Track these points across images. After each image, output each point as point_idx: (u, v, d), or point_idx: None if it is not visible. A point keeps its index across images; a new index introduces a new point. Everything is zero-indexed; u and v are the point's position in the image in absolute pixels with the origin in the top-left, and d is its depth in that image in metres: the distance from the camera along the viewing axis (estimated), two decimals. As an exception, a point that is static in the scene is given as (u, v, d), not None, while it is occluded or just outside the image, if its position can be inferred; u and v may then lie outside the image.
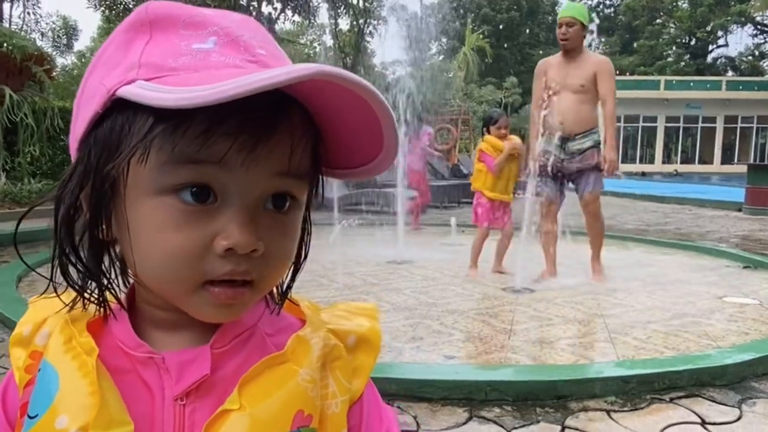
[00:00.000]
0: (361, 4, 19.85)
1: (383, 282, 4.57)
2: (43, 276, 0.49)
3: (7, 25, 11.59)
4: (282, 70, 0.39)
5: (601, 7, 55.55)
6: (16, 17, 14.33)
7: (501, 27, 47.15)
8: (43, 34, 22.59)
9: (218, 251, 0.45)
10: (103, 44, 0.49)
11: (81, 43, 27.52)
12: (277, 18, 17.23)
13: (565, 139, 4.54)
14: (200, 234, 0.45)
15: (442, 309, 3.77)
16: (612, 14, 53.66)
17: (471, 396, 2.43)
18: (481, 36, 39.46)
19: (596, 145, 4.52)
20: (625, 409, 2.39)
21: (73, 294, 0.50)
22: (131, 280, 0.52)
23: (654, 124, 34.72)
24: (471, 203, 5.93)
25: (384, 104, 0.45)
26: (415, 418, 2.30)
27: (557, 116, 4.49)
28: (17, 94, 8.65)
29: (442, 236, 7.19)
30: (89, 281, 0.49)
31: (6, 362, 2.73)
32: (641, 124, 34.71)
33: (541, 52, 48.52)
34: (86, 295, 0.50)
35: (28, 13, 16.66)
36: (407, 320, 3.51)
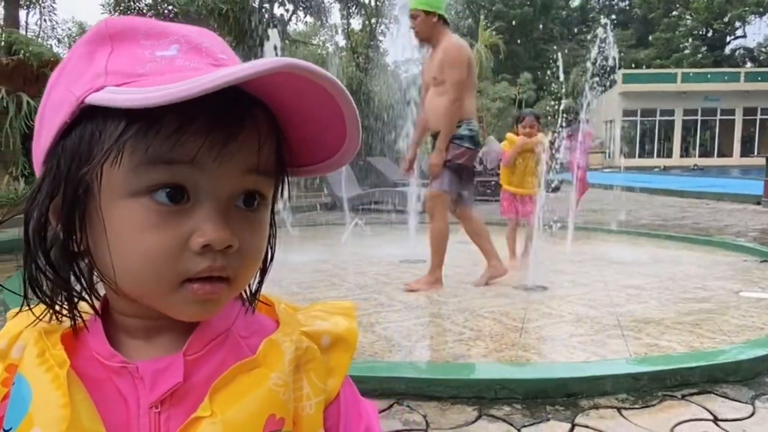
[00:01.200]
0: (373, 3, 19.85)
1: (395, 281, 4.58)
2: (12, 291, 0.50)
3: (24, 32, 11.75)
4: (255, 63, 0.40)
5: (616, 0, 55.02)
6: (33, 24, 14.51)
7: (514, 23, 46.81)
8: (59, 41, 22.90)
9: (195, 249, 0.46)
10: (64, 59, 0.50)
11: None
12: (289, 19, 17.28)
13: (433, 137, 4.32)
14: (176, 233, 0.45)
15: (454, 307, 3.77)
16: (627, 7, 53.13)
17: (481, 394, 2.43)
18: (494, 32, 39.24)
19: (453, 140, 4.15)
20: (637, 406, 2.37)
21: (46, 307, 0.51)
22: (102, 291, 0.53)
23: (671, 118, 34.31)
24: (486, 200, 5.93)
25: (345, 94, 0.46)
26: (424, 417, 2.30)
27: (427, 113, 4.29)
28: (34, 100, 8.78)
29: (455, 234, 7.15)
30: (59, 293, 0.50)
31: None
32: (658, 117, 34.31)
33: (555, 47, 48.21)
34: (57, 307, 0.50)
35: (45, 20, 16.89)
36: (418, 319, 3.51)
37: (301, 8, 17.51)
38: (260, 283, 0.57)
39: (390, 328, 3.31)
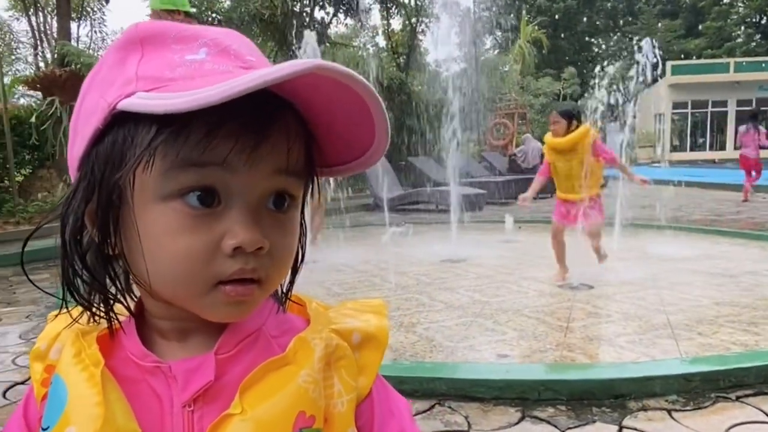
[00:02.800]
0: (413, 2, 19.81)
1: (437, 281, 4.55)
2: (52, 296, 0.51)
3: (76, 44, 12.20)
4: (282, 66, 0.40)
5: (663, -11, 53.39)
6: (84, 36, 15.04)
7: (557, 17, 46.05)
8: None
9: (227, 251, 0.46)
10: (95, 66, 0.50)
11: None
12: (330, 22, 17.40)
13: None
14: (208, 236, 0.46)
15: (496, 307, 3.72)
16: (675, -4, 51.46)
17: (524, 395, 2.38)
18: (536, 27, 38.65)
19: None
20: (688, 408, 2.28)
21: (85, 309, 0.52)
22: (137, 294, 0.53)
23: (724, 109, 33.08)
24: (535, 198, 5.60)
25: (375, 95, 0.46)
26: (466, 418, 2.27)
27: None
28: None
29: (498, 233, 7.08)
30: (95, 295, 0.51)
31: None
32: (710, 109, 33.12)
33: (600, 40, 47.17)
34: (94, 309, 0.51)
35: (95, 32, 17.48)
36: (460, 319, 3.48)
37: (341, 11, 17.59)
38: (291, 282, 0.57)
39: (431, 329, 3.29)
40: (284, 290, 0.57)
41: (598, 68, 5.83)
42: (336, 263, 5.38)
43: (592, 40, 47.87)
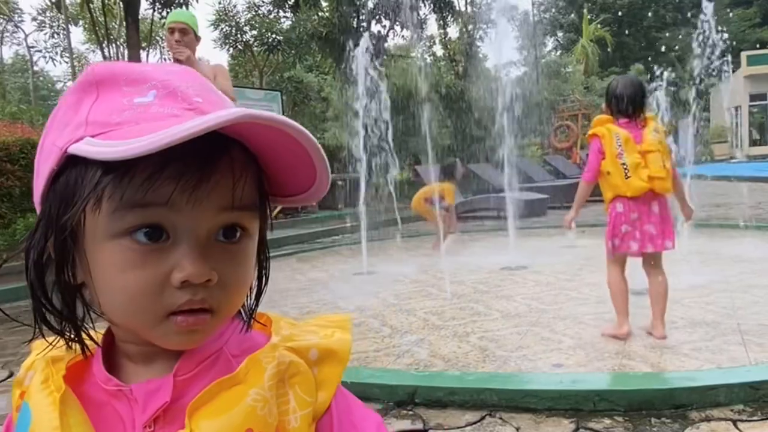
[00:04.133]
0: (468, 9, 19.74)
1: (494, 289, 4.48)
2: (28, 325, 0.55)
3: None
4: (209, 117, 0.42)
5: (735, -23, 50.84)
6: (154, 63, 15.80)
7: (621, 13, 44.61)
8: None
9: (175, 284, 0.48)
10: (57, 106, 0.54)
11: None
12: (386, 35, 17.56)
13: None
14: (157, 270, 0.48)
15: (554, 315, 3.62)
16: (748, -17, 48.89)
17: (578, 406, 2.31)
18: (599, 25, 37.65)
19: None
20: (755, 418, 2.15)
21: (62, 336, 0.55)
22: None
23: (808, 99, 31.07)
24: (595, 201, 5.16)
25: (311, 140, 0.48)
26: (517, 429, 2.22)
27: None
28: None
29: (561, 238, 6.91)
30: (65, 324, 0.54)
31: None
32: (792, 100, 31.15)
33: (668, 34, 45.34)
34: (66, 336, 0.54)
35: (164, 59, 18.35)
36: (515, 328, 3.41)
37: (397, 23, 17.73)
38: (257, 303, 0.59)
39: (485, 338, 3.24)
40: (249, 311, 0.58)
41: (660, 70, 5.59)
42: (394, 273, 5.40)
43: (660, 34, 46.02)
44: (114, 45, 12.80)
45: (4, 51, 23.39)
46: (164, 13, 11.95)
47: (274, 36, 15.31)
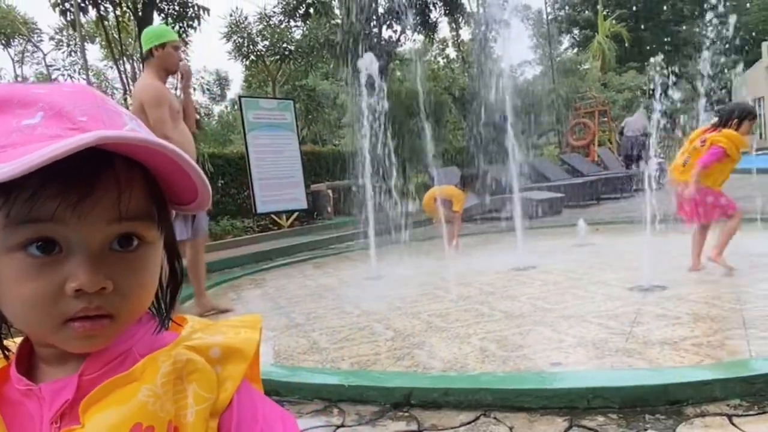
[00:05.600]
0: (481, 11, 19.69)
1: (500, 290, 4.48)
2: None
3: (162, 86, 13.10)
4: (67, 141, 0.46)
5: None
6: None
7: (636, 8, 44.13)
8: (194, 89, 25.06)
9: (69, 293, 0.52)
10: None
11: (232, 91, 30.08)
12: (398, 40, 17.60)
13: None
14: (51, 281, 0.52)
15: (558, 314, 3.61)
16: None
17: (572, 404, 2.31)
18: (614, 21, 37.25)
19: None
20: (751, 413, 2.13)
21: None
22: None
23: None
24: (613, 198, 5.01)
25: (181, 156, 0.52)
26: (510, 429, 2.23)
27: None
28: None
29: (573, 237, 6.86)
30: None
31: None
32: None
33: (685, 27, 44.65)
34: None
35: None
36: (518, 328, 3.41)
37: (408, 28, 17.77)
38: (172, 305, 0.63)
39: (487, 339, 3.25)
40: (164, 312, 0.62)
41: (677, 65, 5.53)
42: (403, 277, 5.42)
43: (678, 28, 45.37)
44: (130, 60, 13.03)
45: (25, 70, 23.86)
46: (176, 27, 12.13)
47: (285, 45, 15.44)
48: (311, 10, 16.13)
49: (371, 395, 2.52)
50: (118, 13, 12.05)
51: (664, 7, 45.06)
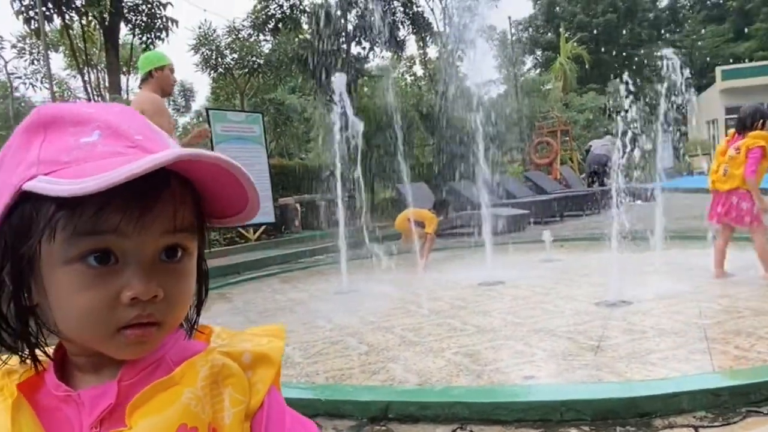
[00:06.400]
0: (447, 30, 20.02)
1: (471, 305, 4.54)
2: None
3: (126, 96, 12.89)
4: (147, 159, 0.49)
5: (707, -6, 52.16)
6: (135, 87, 15.79)
7: (597, 32, 45.55)
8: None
9: (125, 301, 0.55)
10: (4, 146, 0.59)
11: (198, 103, 29.80)
12: (366, 57, 17.76)
13: None
14: (108, 290, 0.54)
15: (528, 329, 3.69)
16: (720, 1, 50.18)
17: (546, 417, 2.36)
18: (576, 44, 38.32)
19: None
20: (716, 424, 2.22)
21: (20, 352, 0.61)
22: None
23: (782, 111, 31.70)
24: (576, 215, 5.15)
25: (240, 169, 0.55)
26: (486, 441, 2.27)
27: None
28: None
29: (539, 253, 7.00)
30: (21, 342, 0.60)
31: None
32: (766, 112, 31.76)
33: (643, 51, 46.23)
34: (22, 352, 0.60)
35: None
36: (490, 342, 3.46)
37: (377, 44, 17.95)
38: (198, 314, 0.66)
39: (460, 353, 3.29)
40: (192, 321, 0.65)
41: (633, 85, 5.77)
42: (374, 292, 5.45)
43: (636, 51, 46.97)
44: (95, 70, 12.82)
45: (-17, 78, 23.24)
46: (144, 38, 12.00)
47: (254, 59, 15.42)
48: (280, 25, 16.17)
49: (347, 409, 2.53)
50: (84, 22, 11.85)
51: (623, 32, 46.64)
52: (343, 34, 16.31)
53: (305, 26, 17.32)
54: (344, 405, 2.53)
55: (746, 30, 43.97)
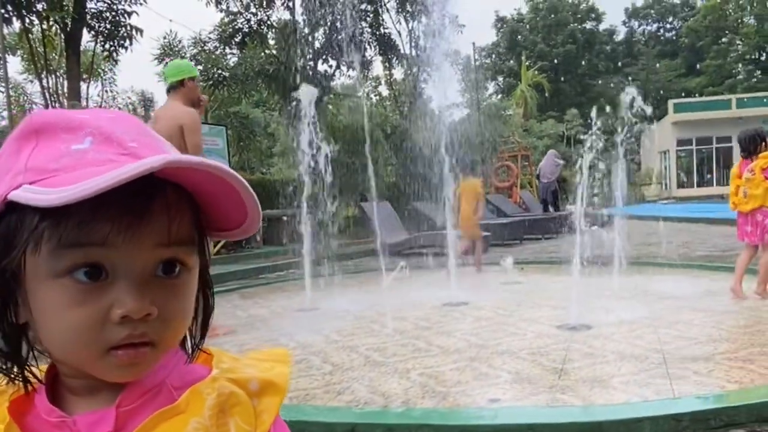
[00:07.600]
0: (413, 53, 20.27)
1: (435, 325, 4.54)
2: None
3: (86, 103, 12.58)
4: (133, 165, 0.46)
5: (661, 31, 54.40)
6: (95, 95, 15.42)
7: (557, 61, 46.90)
8: (120, 109, 24.23)
9: (115, 320, 0.51)
10: None
11: (158, 113, 29.20)
12: (332, 75, 17.82)
13: None
14: (97, 307, 0.50)
15: (492, 350, 3.70)
16: (674, 37, 52.40)
17: (512, 440, 2.37)
18: (536, 72, 39.33)
19: None
20: (678, 449, 2.26)
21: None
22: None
23: (729, 145, 33.06)
24: (535, 239, 5.32)
25: (240, 180, 0.52)
26: (454, 464, 2.26)
27: None
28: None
29: (501, 275, 7.08)
30: (10, 362, 0.55)
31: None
32: (715, 145, 33.16)
33: (600, 81, 47.78)
34: (12, 374, 0.56)
35: (106, 91, 18.01)
36: (455, 364, 3.46)
37: (343, 63, 18.04)
38: (202, 336, 0.61)
39: (426, 374, 3.28)
40: (194, 343, 0.61)
41: (595, 110, 5.96)
42: (337, 310, 5.39)
43: (593, 82, 48.51)
44: (53, 76, 12.47)
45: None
46: (107, 46, 11.77)
47: (220, 72, 15.29)
48: (247, 39, 16.10)
49: (313, 431, 2.49)
50: (44, 26, 11.56)
51: (582, 62, 48.14)
52: (310, 51, 16.36)
53: (272, 42, 17.31)
54: (309, 427, 2.48)
55: (698, 66, 45.95)
